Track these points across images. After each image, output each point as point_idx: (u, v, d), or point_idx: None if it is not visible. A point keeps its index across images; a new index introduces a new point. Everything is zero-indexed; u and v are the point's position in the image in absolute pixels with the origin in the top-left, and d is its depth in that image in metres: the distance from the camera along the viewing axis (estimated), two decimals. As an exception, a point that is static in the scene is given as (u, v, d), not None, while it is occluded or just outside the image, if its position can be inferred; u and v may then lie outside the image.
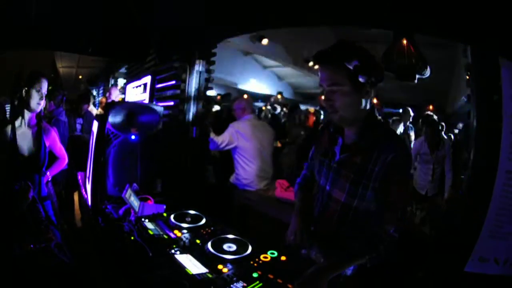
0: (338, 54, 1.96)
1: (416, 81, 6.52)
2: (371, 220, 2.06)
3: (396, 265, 3.32)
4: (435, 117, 7.19)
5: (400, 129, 7.59)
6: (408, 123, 7.93)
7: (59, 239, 3.37)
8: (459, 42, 3.01)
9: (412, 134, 7.88)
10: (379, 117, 2.18)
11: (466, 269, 2.61)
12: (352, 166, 2.08)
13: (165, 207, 3.01)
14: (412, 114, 8.11)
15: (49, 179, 4.08)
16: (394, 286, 2.98)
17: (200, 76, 4.35)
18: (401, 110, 8.33)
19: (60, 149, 4.13)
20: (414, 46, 6.00)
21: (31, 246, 2.99)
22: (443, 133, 6.31)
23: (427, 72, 6.34)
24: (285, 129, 8.03)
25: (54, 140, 4.01)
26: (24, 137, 3.71)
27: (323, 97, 2.11)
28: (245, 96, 6.53)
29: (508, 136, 2.46)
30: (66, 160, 4.21)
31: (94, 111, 7.42)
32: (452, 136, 7.35)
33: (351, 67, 1.91)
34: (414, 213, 4.95)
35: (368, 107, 2.09)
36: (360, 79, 1.93)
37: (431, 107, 9.44)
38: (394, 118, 7.96)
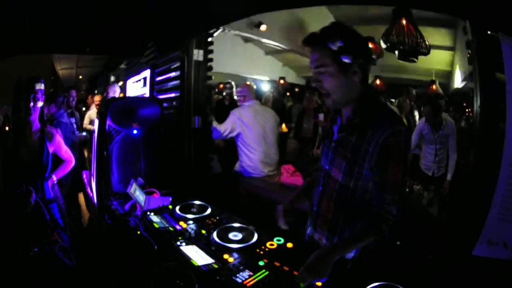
0: (323, 36, 1.97)
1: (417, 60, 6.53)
2: (370, 200, 2.05)
3: (405, 247, 3.32)
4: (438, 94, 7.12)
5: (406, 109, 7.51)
6: (412, 103, 7.87)
7: (66, 242, 3.39)
8: (457, 17, 2.97)
9: (416, 114, 7.83)
10: (378, 97, 2.17)
11: (475, 253, 2.57)
12: (348, 145, 2.08)
13: (171, 199, 3.00)
14: (414, 93, 8.06)
15: (55, 182, 4.09)
16: (404, 268, 2.97)
17: (199, 66, 4.32)
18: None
19: (66, 152, 4.14)
20: (414, 25, 6.00)
21: (35, 249, 3.00)
22: (447, 113, 6.22)
23: (428, 51, 6.34)
24: (291, 113, 7.99)
25: (59, 144, 4.03)
26: (27, 143, 3.72)
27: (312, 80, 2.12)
28: (248, 82, 6.49)
29: None
30: (73, 163, 4.22)
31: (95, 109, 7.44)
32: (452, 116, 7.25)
33: (335, 48, 1.92)
34: (422, 194, 4.91)
35: (361, 86, 2.07)
36: (346, 60, 1.94)
37: (434, 86, 9.34)
38: (400, 98, 7.86)
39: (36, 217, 3.51)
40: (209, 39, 4.50)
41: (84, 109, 8.97)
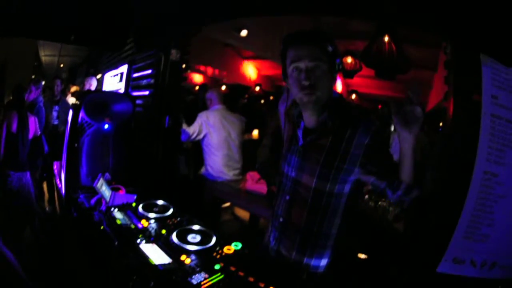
0: (323, 35, 2.07)
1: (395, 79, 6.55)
2: (346, 205, 2.13)
3: (369, 262, 3.35)
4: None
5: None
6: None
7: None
8: (439, 36, 3.00)
9: (392, 128, 7.92)
10: (346, 101, 2.26)
11: (439, 269, 2.57)
12: (321, 149, 2.09)
13: (135, 197, 3.00)
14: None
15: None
16: (367, 282, 3.01)
17: (175, 66, 4.32)
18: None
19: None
20: (396, 43, 6.00)
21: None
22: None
23: (406, 71, 6.34)
24: (265, 121, 7.96)
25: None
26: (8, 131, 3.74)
27: (298, 77, 2.07)
28: (223, 87, 6.51)
29: (486, 136, 2.45)
30: None
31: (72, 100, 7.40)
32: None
33: (331, 49, 2.04)
34: (387, 209, 4.93)
35: (340, 95, 2.19)
36: (337, 62, 2.07)
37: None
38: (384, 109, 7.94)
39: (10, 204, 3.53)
40: (188, 40, 4.48)
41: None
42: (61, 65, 14.19)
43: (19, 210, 4.19)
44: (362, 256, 3.59)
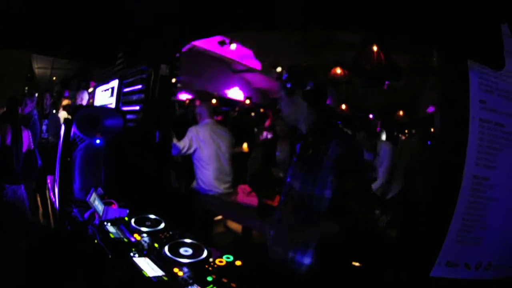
0: (280, 74, 2.36)
1: (384, 87, 6.59)
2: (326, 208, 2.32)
3: (363, 268, 3.38)
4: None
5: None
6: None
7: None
8: (426, 44, 3.02)
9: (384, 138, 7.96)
10: (331, 119, 2.54)
11: (433, 274, 2.58)
12: (306, 158, 2.45)
13: (128, 211, 3.02)
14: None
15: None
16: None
17: (165, 81, 4.36)
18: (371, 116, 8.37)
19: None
20: (385, 52, 6.03)
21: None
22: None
23: (398, 78, 6.37)
24: (254, 134, 7.96)
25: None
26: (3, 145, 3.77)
27: None
28: (214, 101, 6.54)
29: (475, 141, 2.48)
30: None
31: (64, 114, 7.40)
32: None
33: (284, 77, 2.50)
34: (379, 216, 4.92)
35: (311, 110, 2.47)
36: (288, 86, 2.46)
37: (401, 112, 9.51)
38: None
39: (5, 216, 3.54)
40: (177, 55, 4.52)
41: (54, 111, 8.88)
42: (54, 78, 14.17)
43: (14, 223, 4.20)
44: (355, 264, 3.61)
